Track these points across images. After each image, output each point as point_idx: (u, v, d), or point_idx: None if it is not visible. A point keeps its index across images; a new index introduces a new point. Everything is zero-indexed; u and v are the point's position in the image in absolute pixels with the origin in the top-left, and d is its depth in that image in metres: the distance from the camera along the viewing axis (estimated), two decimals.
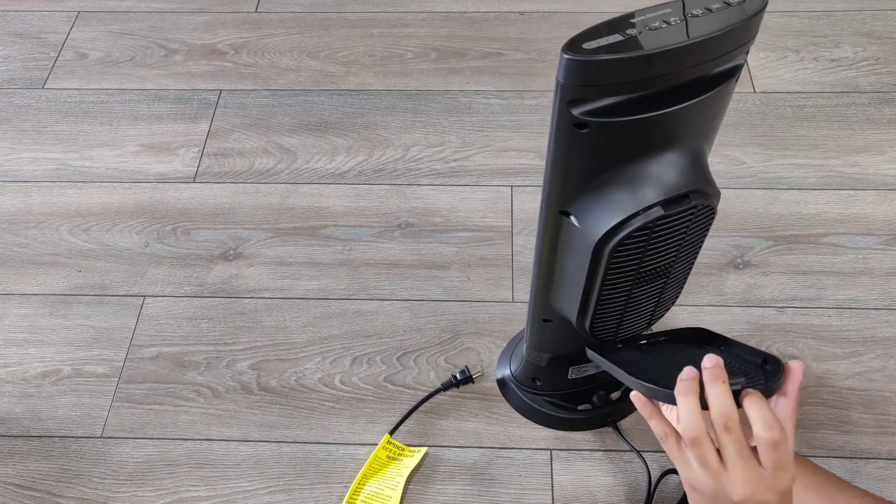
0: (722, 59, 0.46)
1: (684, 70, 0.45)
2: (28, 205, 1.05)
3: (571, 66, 0.43)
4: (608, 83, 0.44)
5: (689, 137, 0.51)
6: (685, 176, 0.51)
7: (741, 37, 0.45)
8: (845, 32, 1.20)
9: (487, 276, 0.95)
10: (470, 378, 0.85)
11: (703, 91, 0.47)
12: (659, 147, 0.50)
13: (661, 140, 0.49)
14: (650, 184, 0.51)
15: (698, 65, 0.45)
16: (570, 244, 0.56)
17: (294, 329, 0.92)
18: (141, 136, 1.12)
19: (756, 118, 1.10)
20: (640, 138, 0.49)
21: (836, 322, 0.90)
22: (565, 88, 0.45)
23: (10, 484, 0.81)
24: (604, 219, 0.52)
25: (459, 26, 1.25)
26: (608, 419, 0.82)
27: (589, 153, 0.49)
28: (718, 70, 0.47)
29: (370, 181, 1.05)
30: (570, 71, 0.44)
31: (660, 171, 0.51)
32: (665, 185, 0.51)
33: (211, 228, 1.01)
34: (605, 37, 0.43)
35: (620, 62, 0.43)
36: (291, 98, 1.16)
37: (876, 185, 1.02)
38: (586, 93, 0.45)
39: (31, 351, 0.91)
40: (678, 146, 0.50)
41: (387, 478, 0.79)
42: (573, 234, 0.55)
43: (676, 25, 0.44)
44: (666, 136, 0.49)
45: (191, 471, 0.82)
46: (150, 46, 1.24)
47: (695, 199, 0.52)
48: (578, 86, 0.44)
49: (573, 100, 0.45)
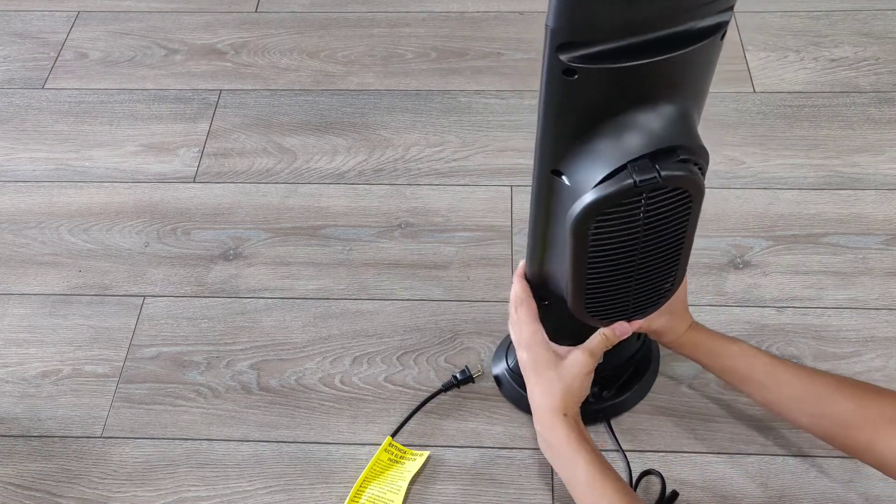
0: (707, 10, 0.47)
1: (671, 16, 0.46)
2: (28, 205, 1.05)
3: (561, 6, 0.44)
4: (597, 25, 0.45)
5: (676, 92, 0.52)
6: (673, 130, 0.52)
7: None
8: (845, 32, 1.20)
9: (487, 276, 0.95)
10: (470, 378, 0.85)
11: (688, 44, 0.48)
12: (647, 100, 0.51)
13: (648, 92, 0.50)
14: (638, 137, 0.51)
15: (684, 10, 0.46)
16: (563, 206, 0.56)
17: (294, 329, 0.92)
18: (141, 136, 1.12)
19: (756, 118, 1.10)
20: (627, 88, 0.50)
21: (836, 322, 0.90)
22: (555, 32, 0.46)
23: (10, 484, 0.81)
24: (593, 173, 0.52)
25: (459, 26, 1.25)
26: (600, 416, 0.82)
27: (578, 102, 0.50)
28: (704, 24, 0.48)
29: (370, 181, 1.05)
30: (560, 12, 0.45)
31: (648, 124, 0.51)
32: (653, 138, 0.52)
33: (211, 228, 1.01)
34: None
35: (608, 2, 0.44)
36: (291, 98, 1.16)
37: (876, 185, 1.02)
38: (575, 35, 0.46)
39: (31, 351, 0.91)
40: (667, 101, 0.51)
41: (388, 481, 0.79)
42: (564, 195, 0.55)
43: None
44: (653, 88, 0.50)
45: (191, 471, 0.82)
46: (150, 46, 1.24)
47: (682, 153, 0.52)
48: (568, 28, 0.45)
49: (562, 44, 0.46)
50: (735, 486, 0.78)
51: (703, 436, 0.82)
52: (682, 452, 0.81)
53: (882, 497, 0.77)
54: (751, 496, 0.77)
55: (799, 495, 0.77)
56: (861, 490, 0.77)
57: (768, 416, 0.82)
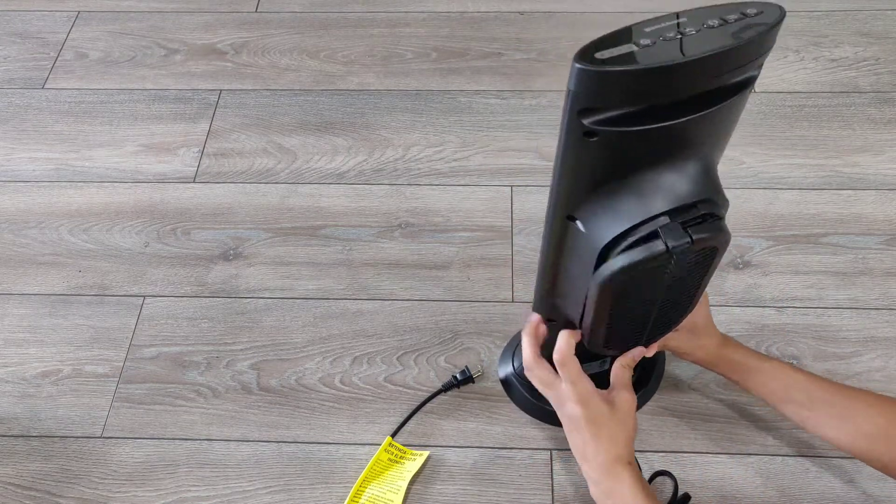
0: (736, 72, 0.45)
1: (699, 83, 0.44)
2: (28, 205, 1.05)
3: (583, 76, 0.42)
4: (621, 94, 0.43)
5: (700, 147, 0.50)
6: (695, 186, 0.50)
7: (757, 49, 0.44)
8: (845, 32, 1.20)
9: (487, 276, 0.95)
10: (470, 378, 0.85)
11: (715, 102, 0.46)
12: (668, 157, 0.49)
13: (670, 150, 0.48)
14: (658, 193, 0.50)
15: (712, 77, 0.44)
16: (576, 248, 0.56)
17: (294, 329, 0.92)
18: (141, 136, 1.12)
19: (756, 118, 1.10)
20: (649, 148, 0.48)
21: (836, 322, 0.90)
22: (576, 97, 0.44)
23: (10, 484, 0.81)
24: (610, 226, 0.51)
25: (459, 26, 1.25)
26: None
27: (597, 161, 0.48)
28: (732, 81, 0.46)
29: (370, 181, 1.05)
30: (582, 81, 0.43)
31: (669, 180, 0.50)
32: (674, 194, 0.50)
33: (211, 228, 1.01)
34: (616, 46, 0.43)
35: (633, 74, 0.42)
36: (291, 98, 1.16)
37: (876, 185, 1.02)
38: (598, 102, 0.44)
39: (31, 351, 0.91)
40: (688, 156, 0.50)
41: (388, 481, 0.79)
42: (579, 239, 0.54)
43: (692, 36, 0.43)
44: (676, 146, 0.48)
45: (191, 471, 0.82)
46: (150, 46, 1.24)
47: (703, 208, 0.51)
48: (590, 96, 0.43)
49: (584, 109, 0.44)
50: (735, 486, 0.78)
51: (704, 436, 0.82)
52: (682, 452, 0.81)
53: (882, 497, 0.77)
54: (751, 496, 0.78)
55: (799, 495, 0.77)
56: (861, 490, 0.77)
57: (768, 416, 0.82)
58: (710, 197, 0.52)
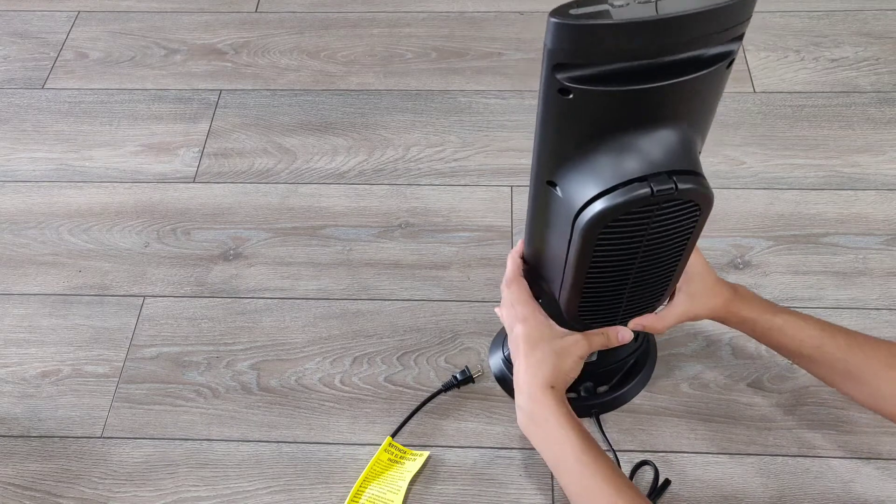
0: (710, 40, 0.45)
1: (671, 45, 0.45)
2: (28, 205, 1.05)
3: (558, 30, 0.43)
4: (594, 50, 0.44)
5: (676, 119, 0.50)
6: (672, 157, 0.51)
7: (731, 17, 0.45)
8: (845, 32, 1.20)
9: (487, 276, 0.95)
10: (470, 378, 0.85)
11: (689, 72, 0.46)
12: (644, 123, 0.49)
13: (645, 116, 0.49)
14: (635, 157, 0.50)
15: (686, 40, 0.45)
16: (556, 217, 0.56)
17: (294, 329, 0.92)
18: (141, 136, 1.12)
19: (756, 118, 1.10)
20: (623, 111, 0.49)
21: (836, 322, 0.89)
22: (552, 53, 0.45)
23: (10, 484, 0.81)
24: (586, 187, 0.52)
25: (459, 26, 1.25)
26: (591, 411, 0.82)
27: (573, 121, 0.49)
28: (711, 53, 0.47)
29: (370, 181, 1.05)
30: (557, 35, 0.44)
31: (645, 146, 0.50)
32: (650, 161, 0.50)
33: (211, 228, 1.01)
34: (592, 5, 0.44)
35: (606, 28, 0.43)
36: (291, 98, 1.16)
37: (876, 185, 1.02)
38: (572, 57, 0.45)
39: (31, 351, 0.91)
40: (665, 126, 0.50)
41: (388, 481, 0.79)
42: (557, 204, 0.55)
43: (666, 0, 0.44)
44: (652, 114, 0.49)
45: (191, 471, 0.82)
46: (150, 46, 1.24)
47: (681, 181, 0.50)
48: (565, 51, 0.44)
49: (558, 65, 0.45)
50: (735, 486, 0.78)
51: (703, 436, 0.82)
52: (682, 452, 0.81)
53: (882, 497, 0.77)
54: (751, 496, 0.78)
55: (799, 495, 0.77)
56: (861, 490, 0.77)
57: (768, 416, 0.82)
58: (687, 169, 0.51)
